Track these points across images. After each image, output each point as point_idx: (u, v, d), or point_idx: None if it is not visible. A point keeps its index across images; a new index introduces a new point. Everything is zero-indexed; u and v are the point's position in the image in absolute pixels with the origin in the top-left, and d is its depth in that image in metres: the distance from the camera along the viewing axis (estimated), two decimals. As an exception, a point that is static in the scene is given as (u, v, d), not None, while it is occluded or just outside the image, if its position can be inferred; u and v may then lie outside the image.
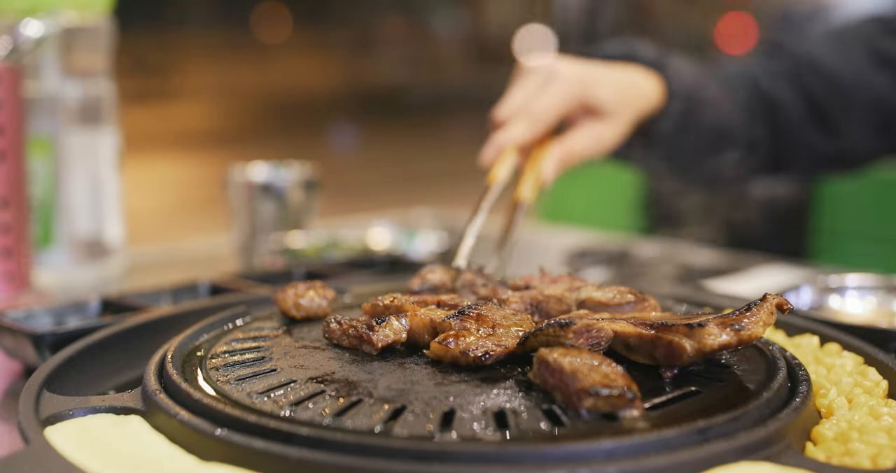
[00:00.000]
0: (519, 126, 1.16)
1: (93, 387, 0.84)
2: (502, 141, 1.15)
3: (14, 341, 0.94)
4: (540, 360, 0.69)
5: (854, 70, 1.45)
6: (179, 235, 4.16)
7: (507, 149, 1.15)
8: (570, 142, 1.19)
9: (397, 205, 1.89)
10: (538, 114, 1.17)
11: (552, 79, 1.20)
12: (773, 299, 0.75)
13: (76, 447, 0.65)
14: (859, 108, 1.45)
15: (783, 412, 0.68)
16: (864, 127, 1.46)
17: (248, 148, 7.60)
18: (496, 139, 1.16)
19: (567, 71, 1.20)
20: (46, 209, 1.48)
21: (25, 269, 1.37)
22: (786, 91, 1.44)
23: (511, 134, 1.15)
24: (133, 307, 1.03)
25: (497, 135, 1.16)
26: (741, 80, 1.45)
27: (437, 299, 0.85)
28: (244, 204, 1.63)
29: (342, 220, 2.03)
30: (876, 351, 0.84)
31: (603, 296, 0.85)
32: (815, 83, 1.44)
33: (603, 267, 1.49)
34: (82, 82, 1.48)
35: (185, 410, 0.69)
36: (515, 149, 1.16)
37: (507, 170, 1.13)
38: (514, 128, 1.16)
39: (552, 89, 1.18)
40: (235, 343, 0.85)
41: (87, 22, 1.49)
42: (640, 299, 0.85)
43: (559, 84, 1.19)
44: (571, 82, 1.19)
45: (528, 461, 0.60)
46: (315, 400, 0.69)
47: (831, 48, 1.48)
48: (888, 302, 1.10)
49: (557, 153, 1.17)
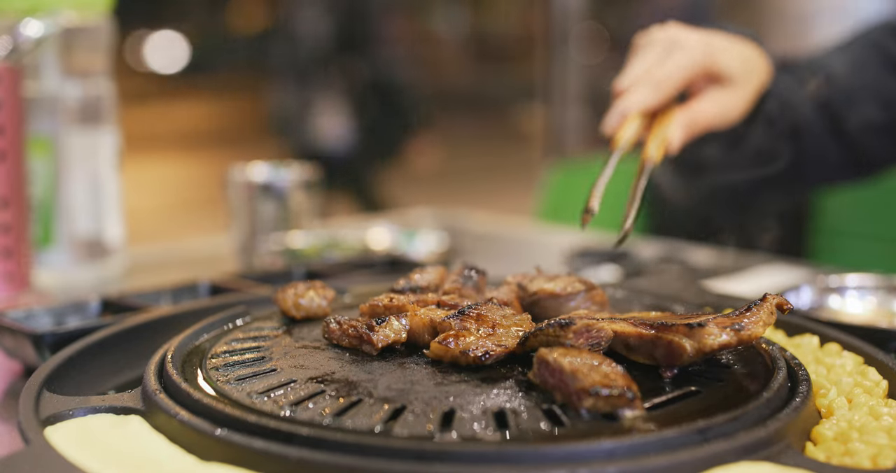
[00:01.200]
0: (641, 92, 1.13)
1: (93, 387, 0.84)
2: (625, 107, 1.12)
3: (14, 341, 0.94)
4: (540, 360, 0.69)
5: (864, 72, 1.45)
6: (179, 235, 4.16)
7: (631, 116, 1.12)
8: (696, 109, 1.17)
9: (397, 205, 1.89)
10: (661, 81, 1.14)
11: (674, 47, 1.18)
12: (773, 299, 0.75)
13: (76, 447, 0.65)
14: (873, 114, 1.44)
15: (783, 412, 0.68)
16: (878, 132, 1.46)
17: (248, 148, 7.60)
18: (618, 106, 1.13)
19: (690, 39, 1.18)
20: (46, 209, 1.48)
21: (25, 269, 1.37)
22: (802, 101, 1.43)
23: (634, 100, 1.13)
24: (133, 307, 1.03)
25: (619, 102, 1.13)
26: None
27: (437, 299, 0.85)
28: (244, 204, 1.63)
29: (342, 220, 2.03)
30: (876, 351, 0.84)
31: (554, 287, 0.87)
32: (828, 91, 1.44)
33: (603, 267, 1.49)
34: (82, 82, 1.48)
35: (185, 410, 0.69)
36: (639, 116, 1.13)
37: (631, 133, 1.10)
38: (637, 94, 1.13)
39: (675, 57, 1.16)
40: (235, 343, 0.85)
41: (87, 22, 1.49)
42: (590, 287, 0.87)
43: (682, 52, 1.17)
44: (695, 50, 1.17)
45: (528, 461, 0.60)
46: (315, 400, 0.69)
47: (842, 56, 1.48)
48: (888, 302, 1.10)
49: (682, 119, 1.15)
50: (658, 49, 1.18)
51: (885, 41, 1.47)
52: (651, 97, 1.13)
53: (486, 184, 7.23)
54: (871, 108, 1.44)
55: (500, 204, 5.76)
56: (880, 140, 1.47)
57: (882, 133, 1.46)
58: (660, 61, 1.17)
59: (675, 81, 1.15)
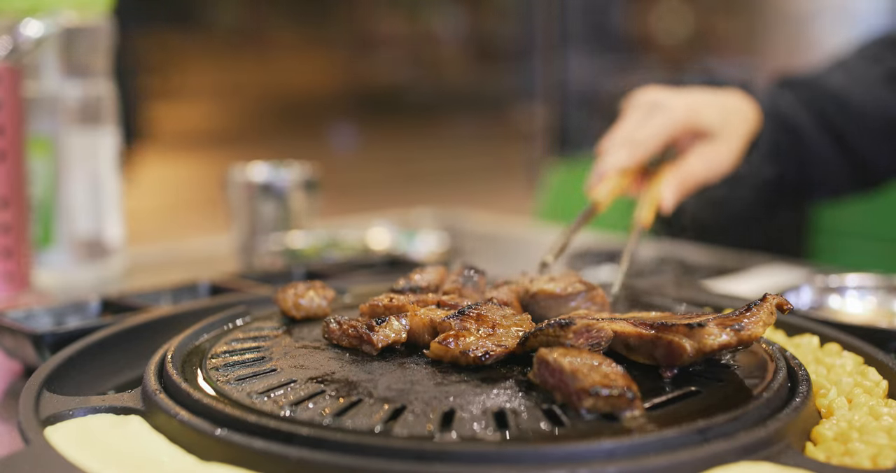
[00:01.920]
0: (620, 153, 1.19)
1: (93, 387, 0.84)
2: (603, 167, 1.18)
3: (14, 341, 0.94)
4: (540, 360, 0.69)
5: (867, 90, 1.46)
6: (179, 235, 4.16)
7: (608, 176, 1.18)
8: (685, 166, 1.22)
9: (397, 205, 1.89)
10: (639, 142, 1.20)
11: (655, 109, 1.23)
12: (773, 299, 0.75)
13: (76, 447, 0.65)
14: (875, 127, 1.46)
15: (783, 412, 0.68)
16: (881, 146, 1.47)
17: (248, 148, 7.59)
18: (598, 166, 1.20)
19: (671, 101, 1.24)
20: (46, 209, 1.48)
21: (25, 269, 1.37)
22: (804, 117, 1.45)
23: (612, 160, 1.19)
24: (133, 307, 1.03)
25: (599, 163, 1.20)
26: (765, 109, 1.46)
27: (437, 299, 0.85)
28: (244, 204, 1.63)
29: (342, 220, 2.03)
30: (876, 351, 0.84)
31: (554, 288, 0.87)
32: (830, 106, 1.45)
33: (603, 267, 1.49)
34: (82, 82, 1.48)
35: (185, 410, 0.69)
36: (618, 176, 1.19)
37: (607, 194, 1.16)
38: (615, 155, 1.19)
39: (655, 118, 1.22)
40: (235, 343, 0.85)
41: (87, 22, 1.49)
42: (590, 288, 0.88)
43: (663, 113, 1.22)
44: (675, 110, 1.22)
45: (528, 461, 0.60)
46: (315, 400, 0.69)
47: (843, 71, 1.49)
48: (888, 302, 1.10)
49: (673, 178, 1.21)
50: (640, 112, 1.25)
51: (885, 55, 1.48)
52: (628, 158, 1.19)
53: (486, 184, 7.22)
54: (873, 123, 1.45)
55: (500, 204, 5.76)
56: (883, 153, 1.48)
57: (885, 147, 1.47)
58: (640, 123, 1.23)
59: (652, 142, 1.21)
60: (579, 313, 0.81)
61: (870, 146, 1.47)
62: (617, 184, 1.18)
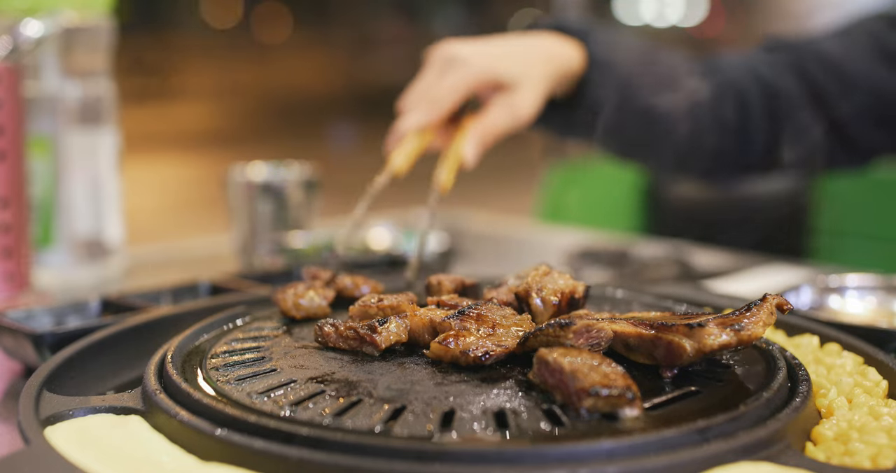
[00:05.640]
0: (416, 112, 1.19)
1: (93, 387, 0.84)
2: (401, 128, 1.18)
3: (14, 341, 0.94)
4: (540, 360, 0.69)
5: (857, 59, 1.45)
6: (179, 235, 4.15)
7: (407, 136, 1.17)
8: (485, 119, 1.21)
9: (397, 205, 1.89)
10: (435, 99, 1.19)
11: (451, 63, 1.22)
12: (773, 299, 0.75)
13: (76, 447, 0.65)
14: (860, 97, 1.44)
15: (783, 412, 0.68)
16: (863, 116, 1.46)
17: (248, 148, 7.59)
18: (396, 127, 1.19)
19: (465, 53, 1.22)
20: (46, 209, 1.48)
21: (25, 269, 1.37)
22: (787, 79, 1.44)
23: (409, 120, 1.18)
24: (133, 307, 1.03)
25: (397, 123, 1.19)
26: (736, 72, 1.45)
27: (437, 299, 0.85)
28: (244, 204, 1.63)
29: (342, 220, 2.03)
30: (876, 351, 0.84)
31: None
32: (818, 70, 1.44)
33: (603, 267, 1.49)
34: (82, 82, 1.48)
35: (185, 410, 0.69)
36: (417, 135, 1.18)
37: (405, 156, 1.16)
38: (412, 114, 1.19)
39: (450, 73, 1.21)
40: (235, 343, 0.85)
41: (87, 22, 1.49)
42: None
43: (458, 67, 1.21)
44: (472, 64, 1.21)
45: (528, 461, 0.60)
46: (315, 400, 0.69)
47: (836, 40, 1.48)
48: (888, 302, 1.10)
49: (473, 132, 1.19)
50: (436, 67, 1.24)
51: (881, 31, 1.47)
52: (426, 116, 1.19)
53: (486, 184, 7.22)
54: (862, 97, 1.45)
55: (500, 204, 5.75)
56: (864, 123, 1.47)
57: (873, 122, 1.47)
58: (437, 79, 1.22)
59: (449, 99, 1.20)
60: (579, 313, 0.81)
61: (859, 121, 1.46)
62: (417, 144, 1.17)
